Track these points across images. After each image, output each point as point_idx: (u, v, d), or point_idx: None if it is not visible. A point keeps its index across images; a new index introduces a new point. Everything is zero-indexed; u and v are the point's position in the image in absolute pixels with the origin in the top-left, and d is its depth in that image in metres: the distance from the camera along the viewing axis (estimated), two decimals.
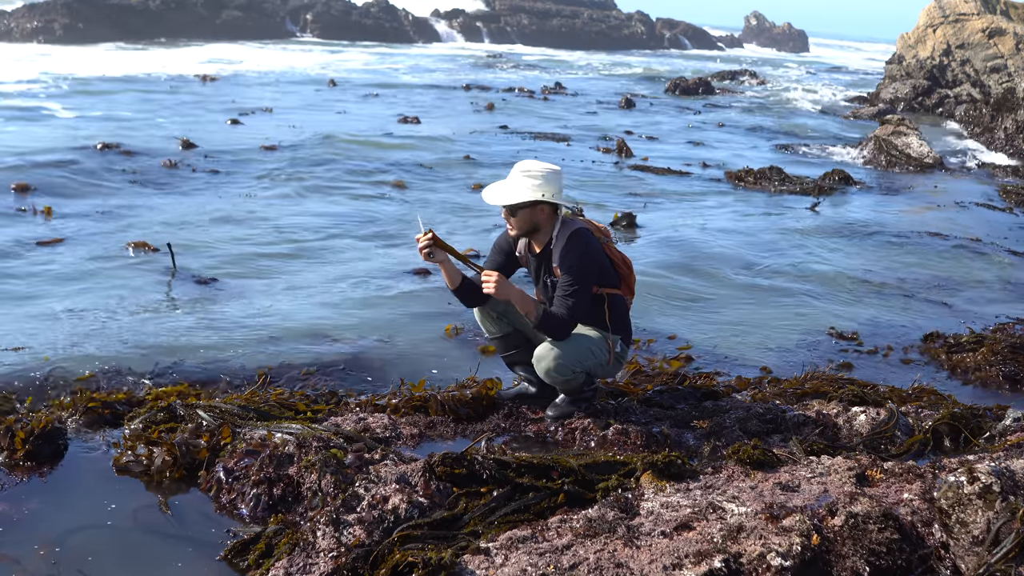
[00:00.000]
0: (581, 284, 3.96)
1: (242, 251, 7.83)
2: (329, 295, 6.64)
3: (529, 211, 4.00)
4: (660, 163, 14.12)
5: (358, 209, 9.88)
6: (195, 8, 42.74)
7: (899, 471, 3.44)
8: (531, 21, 56.47)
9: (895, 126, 16.27)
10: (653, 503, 3.25)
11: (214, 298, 6.45)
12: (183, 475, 3.66)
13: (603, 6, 63.46)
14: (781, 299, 7.36)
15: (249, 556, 3.11)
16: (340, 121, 16.82)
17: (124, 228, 8.37)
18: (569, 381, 4.11)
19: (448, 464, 3.40)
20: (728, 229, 9.90)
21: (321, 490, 3.39)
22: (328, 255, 7.91)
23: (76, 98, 18.17)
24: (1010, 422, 4.20)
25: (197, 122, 15.43)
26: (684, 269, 8.03)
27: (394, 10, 51.60)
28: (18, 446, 3.71)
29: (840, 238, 9.86)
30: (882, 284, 7.98)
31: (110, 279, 6.79)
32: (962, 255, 9.24)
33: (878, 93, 27.98)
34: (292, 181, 11.10)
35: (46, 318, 5.80)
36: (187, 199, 9.86)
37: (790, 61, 57.44)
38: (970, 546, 2.90)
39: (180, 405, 4.11)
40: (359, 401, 4.53)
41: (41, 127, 14.24)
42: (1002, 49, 25.49)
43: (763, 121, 21.49)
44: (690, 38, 63.40)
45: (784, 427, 4.27)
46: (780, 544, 2.87)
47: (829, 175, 12.98)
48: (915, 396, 4.84)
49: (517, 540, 3.02)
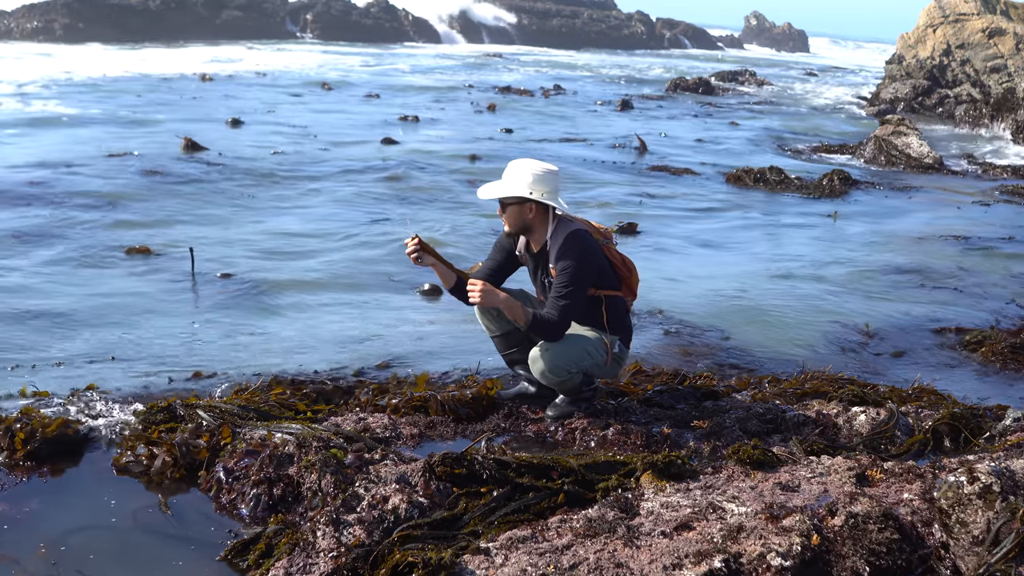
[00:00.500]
0: (575, 286, 3.95)
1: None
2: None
3: (517, 208, 4.01)
4: (650, 163, 14.14)
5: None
6: (195, 8, 42.74)
7: (899, 471, 3.44)
8: (531, 21, 56.48)
9: (895, 126, 16.27)
10: (653, 503, 3.25)
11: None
12: (183, 475, 3.66)
13: (603, 6, 63.44)
14: (798, 298, 7.37)
15: (249, 556, 3.11)
16: (350, 122, 16.80)
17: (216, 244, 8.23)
18: (565, 382, 4.11)
19: (448, 464, 3.40)
20: (727, 230, 9.91)
21: (321, 490, 3.39)
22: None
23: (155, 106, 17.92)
24: (1010, 422, 4.20)
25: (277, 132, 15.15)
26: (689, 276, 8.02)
27: (394, 10, 51.58)
28: (18, 447, 3.72)
29: (840, 238, 9.86)
30: (886, 281, 7.99)
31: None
32: (971, 254, 9.25)
33: (878, 93, 27.98)
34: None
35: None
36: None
37: (790, 61, 57.45)
38: (970, 546, 2.90)
39: (180, 405, 4.11)
40: (359, 401, 4.53)
41: (83, 131, 14.11)
42: (1002, 49, 25.49)
43: (762, 121, 21.49)
44: (690, 38, 63.38)
45: (784, 427, 4.27)
46: (780, 544, 2.87)
47: (829, 175, 12.97)
48: (915, 396, 4.84)
49: (517, 540, 3.02)
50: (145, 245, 7.63)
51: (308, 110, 18.43)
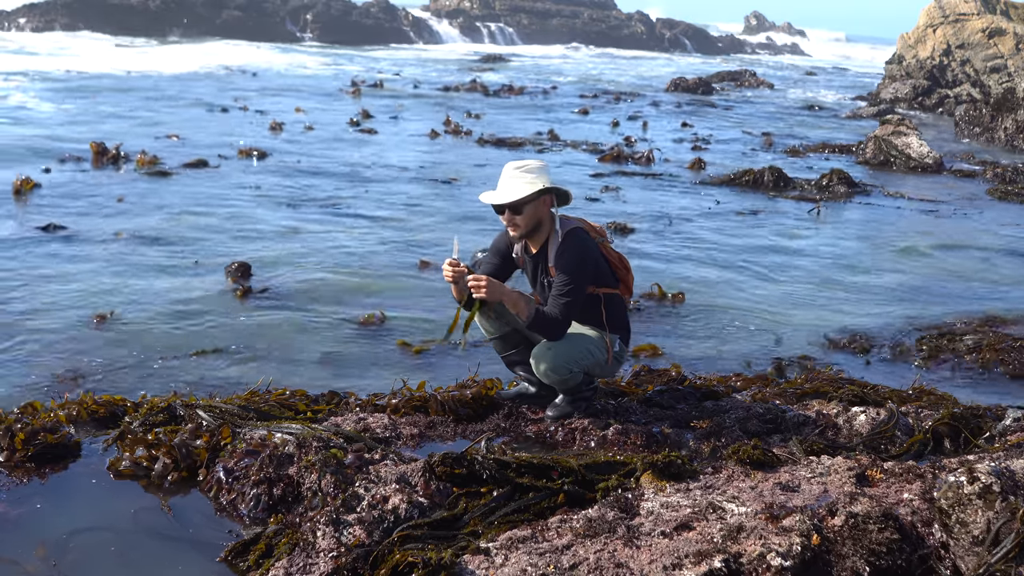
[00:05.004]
0: (576, 283, 3.95)
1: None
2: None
3: (534, 205, 4.00)
4: (658, 164, 14.12)
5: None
6: (195, 8, 42.75)
7: (899, 471, 3.44)
8: (531, 21, 56.46)
9: (895, 126, 16.26)
10: (653, 503, 3.25)
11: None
12: (184, 476, 3.66)
13: (603, 6, 63.41)
14: (797, 300, 7.37)
15: (249, 557, 3.10)
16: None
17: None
18: (567, 381, 4.11)
19: (448, 464, 3.40)
20: (725, 231, 9.90)
21: (321, 490, 3.38)
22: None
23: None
24: (1010, 422, 4.20)
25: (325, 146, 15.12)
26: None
27: (394, 10, 51.59)
28: (18, 447, 3.72)
29: (839, 239, 9.86)
30: (887, 280, 7.99)
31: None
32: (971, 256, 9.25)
33: (878, 93, 28.00)
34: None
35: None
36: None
37: (790, 61, 57.43)
38: (970, 546, 2.90)
39: (180, 405, 4.11)
40: (359, 401, 4.53)
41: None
42: (1002, 49, 25.50)
43: (762, 121, 21.48)
44: (690, 38, 63.32)
45: (784, 427, 4.27)
46: (780, 544, 2.87)
47: (828, 176, 12.96)
48: (915, 396, 4.84)
49: (517, 540, 3.02)
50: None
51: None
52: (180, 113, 16.81)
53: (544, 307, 3.98)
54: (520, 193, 3.95)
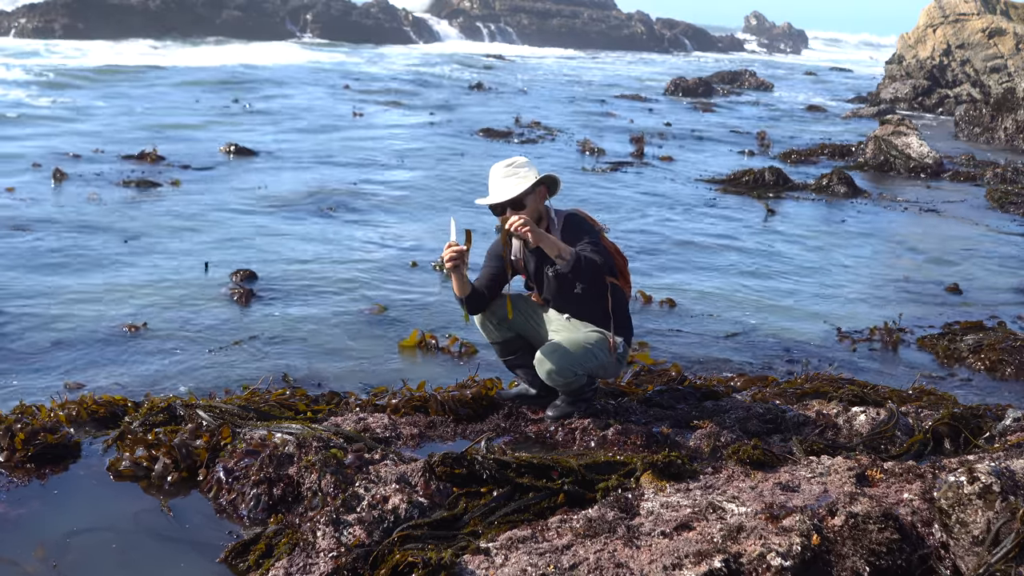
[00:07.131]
0: (598, 241, 4.01)
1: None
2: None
3: (533, 197, 4.06)
4: (654, 165, 14.12)
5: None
6: (195, 8, 42.73)
7: (899, 471, 3.44)
8: (531, 21, 56.44)
9: (895, 126, 16.24)
10: (653, 503, 3.25)
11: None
12: (184, 476, 3.66)
13: (603, 6, 63.37)
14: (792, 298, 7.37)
15: (249, 557, 3.11)
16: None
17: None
18: (571, 383, 4.12)
19: (448, 464, 3.40)
20: (725, 233, 9.91)
21: (321, 490, 3.38)
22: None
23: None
24: (1010, 422, 4.20)
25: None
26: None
27: (394, 10, 51.57)
28: (18, 447, 3.72)
29: (839, 239, 9.86)
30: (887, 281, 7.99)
31: None
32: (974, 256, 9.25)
33: (878, 93, 27.99)
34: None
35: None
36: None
37: (790, 61, 57.42)
38: (970, 546, 2.90)
39: (180, 405, 4.11)
40: (359, 401, 4.53)
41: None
42: (1002, 49, 25.50)
43: (762, 121, 21.47)
44: (690, 38, 63.28)
45: (784, 427, 4.27)
46: (780, 544, 2.87)
47: (828, 176, 12.95)
48: (915, 396, 4.84)
49: (517, 540, 3.02)
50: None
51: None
52: (173, 114, 16.81)
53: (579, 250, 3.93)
54: (519, 188, 4.01)
